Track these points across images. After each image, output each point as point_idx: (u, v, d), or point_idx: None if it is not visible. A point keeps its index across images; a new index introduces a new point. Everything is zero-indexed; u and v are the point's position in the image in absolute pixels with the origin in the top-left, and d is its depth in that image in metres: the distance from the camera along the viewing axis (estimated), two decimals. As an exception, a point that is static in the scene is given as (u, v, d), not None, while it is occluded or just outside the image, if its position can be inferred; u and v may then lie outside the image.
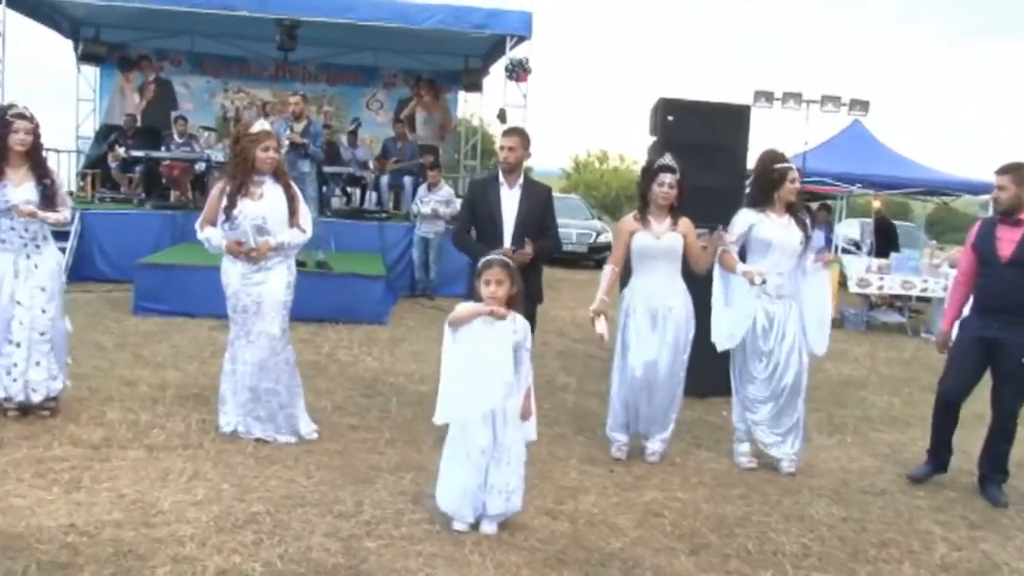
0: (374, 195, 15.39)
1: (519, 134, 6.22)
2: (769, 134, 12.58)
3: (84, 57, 16.73)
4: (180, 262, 10.72)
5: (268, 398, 5.76)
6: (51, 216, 5.87)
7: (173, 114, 15.61)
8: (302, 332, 9.47)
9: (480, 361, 4.55)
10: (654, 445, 6.03)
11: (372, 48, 17.02)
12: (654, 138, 7.99)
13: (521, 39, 13.85)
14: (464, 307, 4.67)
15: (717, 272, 5.99)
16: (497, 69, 17.13)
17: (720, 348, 6.04)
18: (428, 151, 15.04)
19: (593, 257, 19.65)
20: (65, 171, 16.50)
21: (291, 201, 5.79)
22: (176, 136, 14.65)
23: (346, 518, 4.59)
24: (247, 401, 5.77)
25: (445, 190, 13.11)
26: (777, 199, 5.90)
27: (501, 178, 6.09)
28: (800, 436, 5.99)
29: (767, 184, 5.94)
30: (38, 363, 5.89)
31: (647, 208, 5.99)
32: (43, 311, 5.89)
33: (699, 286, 6.09)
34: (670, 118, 7.81)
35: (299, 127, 10.61)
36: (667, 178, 5.88)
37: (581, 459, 5.92)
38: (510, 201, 6.07)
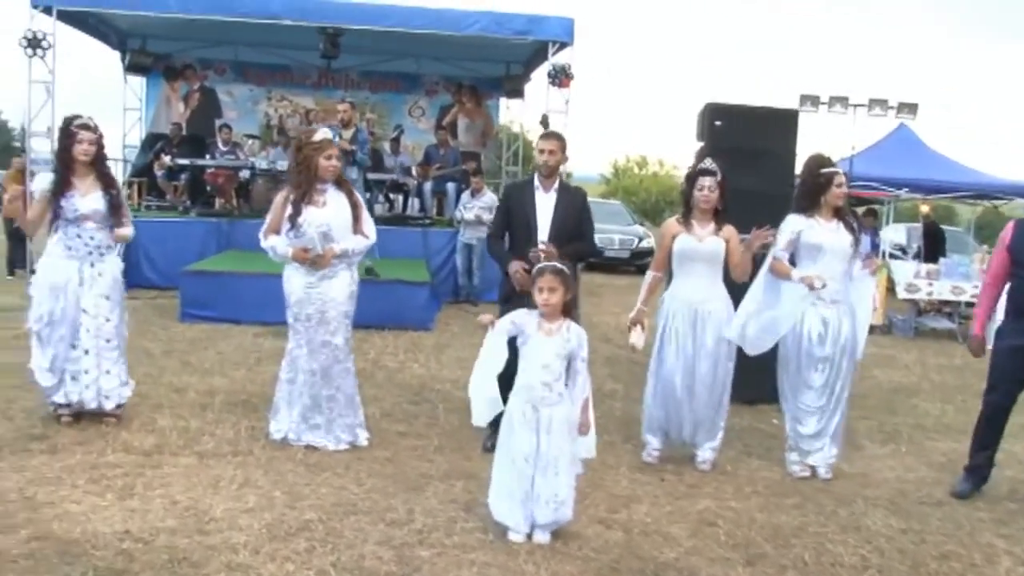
0: (416, 201, 15.43)
1: (557, 137, 6.17)
2: (815, 138, 12.48)
3: (131, 67, 16.90)
4: (226, 269, 10.82)
5: (329, 405, 5.78)
6: (127, 232, 6.04)
7: (217, 122, 15.79)
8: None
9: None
10: (704, 454, 5.96)
11: (414, 55, 17.04)
12: (701, 143, 7.92)
13: (563, 45, 13.78)
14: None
15: (763, 277, 5.91)
16: (539, 75, 17.15)
17: (749, 353, 5.94)
18: (471, 158, 15.07)
19: (635, 263, 19.56)
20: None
21: (354, 208, 5.81)
22: (220, 144, 14.79)
23: (398, 526, 4.56)
24: (305, 409, 5.78)
25: (488, 196, 13.11)
26: (824, 203, 5.82)
27: (537, 182, 6.05)
28: (838, 442, 5.92)
29: (813, 189, 5.86)
30: (108, 371, 5.96)
31: (691, 213, 5.93)
32: (107, 319, 5.95)
33: (737, 292, 6.00)
34: (717, 123, 7.74)
35: (347, 134, 10.68)
36: (707, 181, 5.83)
37: (631, 467, 5.85)
38: (545, 205, 6.02)
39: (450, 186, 14.32)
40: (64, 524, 4.33)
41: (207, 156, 14.66)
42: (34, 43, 12.78)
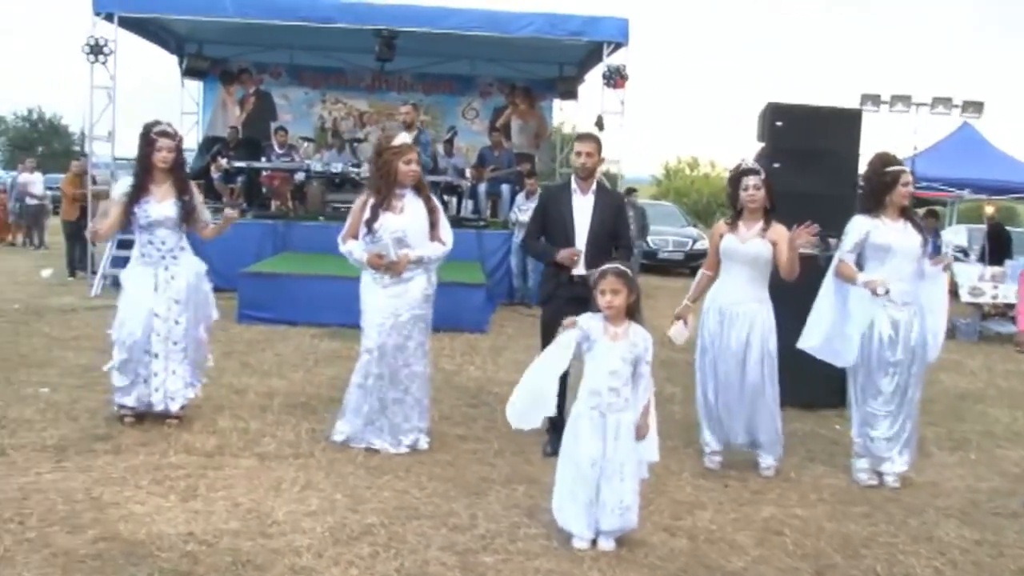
0: (470, 203, 15.42)
1: (595, 140, 6.09)
2: (876, 138, 12.25)
3: (188, 72, 17.15)
4: (283, 271, 10.88)
5: (394, 408, 5.76)
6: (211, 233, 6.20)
7: (273, 125, 15.94)
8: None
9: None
10: (767, 460, 5.84)
11: (468, 57, 17.06)
12: (762, 144, 7.79)
13: (618, 46, 13.70)
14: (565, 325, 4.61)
15: (830, 282, 5.78)
16: (592, 76, 17.07)
17: (839, 364, 5.84)
18: (525, 159, 15.03)
19: (689, 264, 19.39)
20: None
21: (431, 214, 5.78)
22: (276, 147, 14.91)
23: (461, 531, 4.52)
24: (371, 411, 5.76)
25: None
26: (890, 203, 5.68)
27: (574, 185, 5.97)
28: (912, 449, 5.77)
29: (879, 188, 5.72)
30: (174, 372, 6.01)
31: (739, 214, 5.83)
32: (177, 322, 5.99)
33: (798, 296, 5.90)
34: (779, 123, 7.61)
35: (410, 136, 10.65)
36: (751, 181, 5.72)
37: (694, 473, 5.76)
38: (583, 208, 5.93)
39: (504, 188, 14.28)
40: (129, 525, 4.34)
41: (263, 159, 14.78)
42: (96, 49, 12.99)
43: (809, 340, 5.78)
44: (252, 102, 16.87)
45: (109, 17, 13.12)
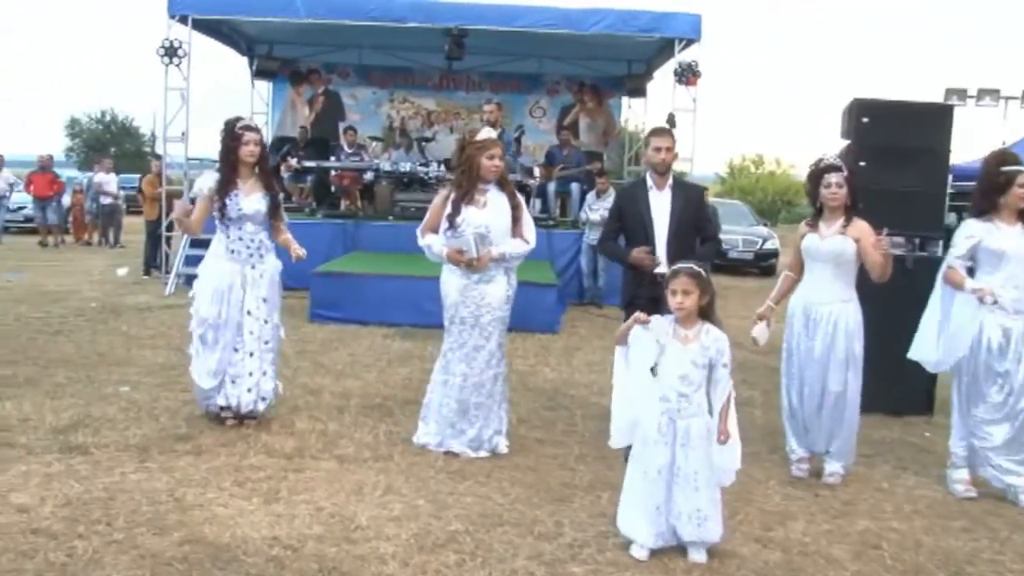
0: (538, 202, 15.29)
1: (671, 134, 5.92)
2: (962, 134, 11.86)
3: (258, 73, 17.30)
4: (354, 271, 10.87)
5: (476, 412, 5.66)
6: (302, 253, 6.06)
7: (342, 125, 15.98)
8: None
9: (645, 379, 4.34)
10: (832, 467, 5.63)
11: (536, 55, 16.95)
12: (847, 141, 7.56)
13: (690, 42, 13.50)
14: (625, 325, 4.47)
15: (939, 288, 5.56)
16: (661, 73, 16.85)
17: (932, 370, 5.64)
18: (594, 158, 14.87)
19: (759, 264, 19.10)
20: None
21: (515, 210, 5.67)
22: (346, 146, 14.95)
23: (547, 540, 4.40)
24: (452, 413, 5.67)
25: (614, 197, 12.86)
26: (1004, 205, 5.41)
27: (650, 181, 5.80)
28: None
29: (992, 189, 5.46)
30: (265, 372, 6.00)
31: (820, 212, 5.63)
32: (266, 321, 5.97)
33: (885, 298, 5.76)
34: (865, 120, 7.36)
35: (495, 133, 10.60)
36: (833, 178, 5.51)
37: (781, 481, 5.57)
38: (661, 205, 5.76)
39: (574, 187, 14.14)
40: (214, 528, 4.31)
41: (331, 158, 14.83)
42: (171, 51, 13.16)
43: (921, 352, 5.56)
44: (321, 102, 16.92)
45: (183, 20, 13.29)
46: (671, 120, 13.55)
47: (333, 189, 14.73)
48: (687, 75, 13.28)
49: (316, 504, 4.68)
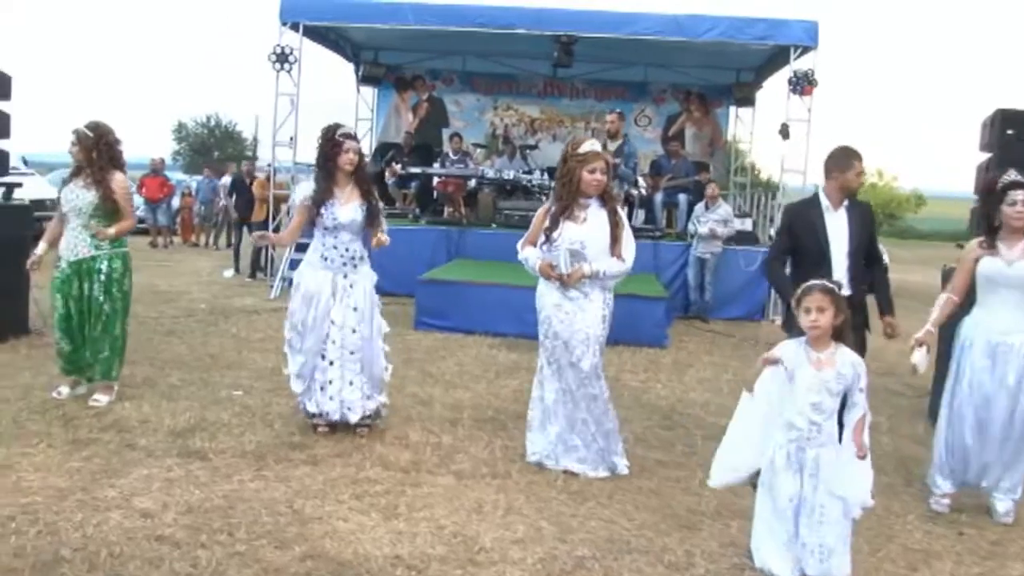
0: (641, 212, 15.04)
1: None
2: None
3: (364, 79, 17.42)
4: (459, 279, 10.78)
5: (583, 428, 5.46)
6: (386, 240, 5.91)
7: (448, 131, 15.97)
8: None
9: (772, 421, 4.07)
10: (1005, 504, 5.26)
11: (641, 63, 16.72)
12: (988, 155, 7.17)
13: (805, 50, 13.10)
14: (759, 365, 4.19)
15: None
16: (771, 82, 16.46)
17: None
18: (701, 168, 14.57)
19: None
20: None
21: (615, 228, 5.43)
22: (451, 153, 14.91)
23: (679, 570, 4.19)
24: (562, 430, 5.49)
25: (723, 208, 12.57)
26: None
27: (825, 200, 5.52)
28: None
29: None
30: (351, 382, 5.88)
31: (995, 232, 5.26)
32: (354, 331, 5.87)
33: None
34: (1010, 132, 6.96)
35: (613, 146, 10.44)
36: (1019, 195, 5.12)
37: (921, 516, 5.23)
38: (837, 226, 5.48)
39: (681, 197, 13.84)
40: (335, 543, 4.20)
41: (435, 164, 14.82)
42: (282, 58, 13.32)
43: None
44: (425, 108, 16.94)
45: (295, 27, 13.42)
46: (784, 131, 13.20)
47: (436, 196, 14.70)
48: (802, 84, 12.88)
49: (437, 522, 4.54)
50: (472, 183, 14.57)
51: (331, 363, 5.83)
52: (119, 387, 6.57)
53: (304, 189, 6.05)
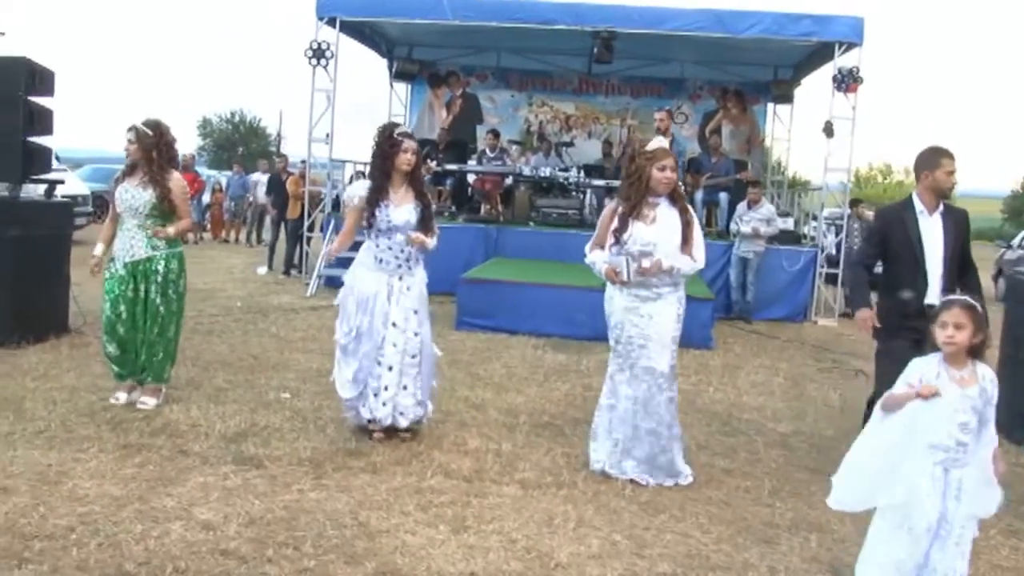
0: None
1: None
2: None
3: (397, 75, 17.28)
4: (502, 278, 10.59)
5: (650, 439, 5.27)
6: (430, 243, 5.75)
7: (483, 128, 15.79)
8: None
9: (909, 442, 3.83)
10: None
11: (678, 59, 16.50)
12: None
13: (850, 46, 12.85)
14: (898, 390, 3.93)
15: None
16: (810, 80, 16.21)
17: None
18: (740, 167, 14.35)
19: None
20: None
21: (686, 227, 5.25)
22: (488, 150, 14.75)
23: (766, 589, 4.00)
24: (626, 439, 5.31)
25: (766, 208, 12.35)
26: None
27: (919, 204, 5.30)
28: None
29: None
30: (405, 387, 5.71)
31: None
32: (415, 334, 5.70)
33: None
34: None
35: (666, 141, 10.21)
36: None
37: (1003, 531, 4.96)
38: (933, 231, 5.28)
39: (722, 196, 13.62)
40: (406, 559, 4.02)
41: (470, 161, 14.67)
42: (318, 53, 13.19)
43: None
44: (459, 105, 16.75)
45: (331, 22, 13.29)
46: (828, 129, 12.95)
47: (471, 193, 14.54)
48: (847, 81, 12.65)
49: (508, 535, 4.36)
50: (507, 180, 14.41)
51: (389, 368, 5.66)
52: (167, 390, 6.44)
53: (356, 189, 5.88)
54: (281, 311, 10.94)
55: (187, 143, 51.45)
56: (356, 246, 6.03)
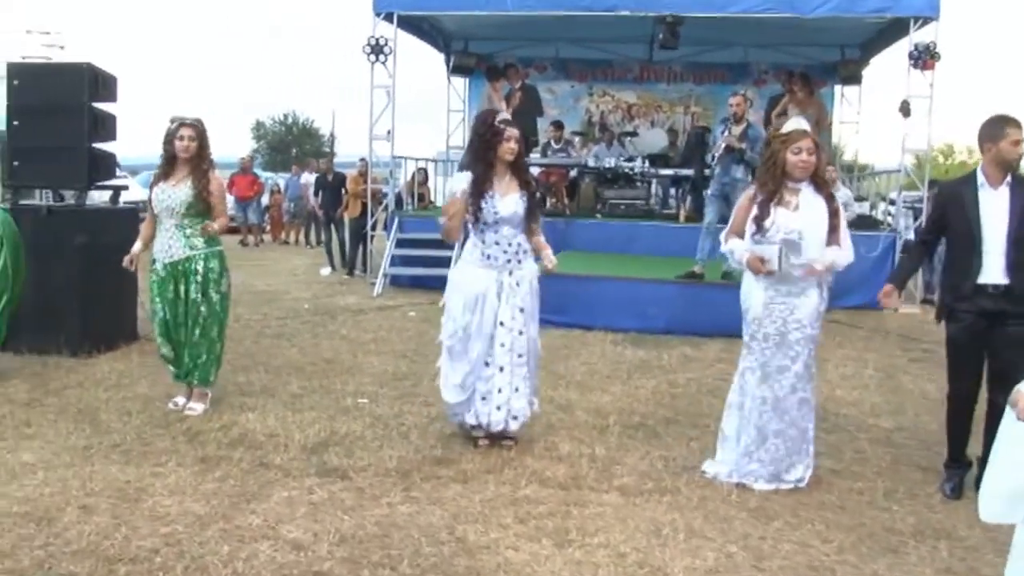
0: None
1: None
2: None
3: (455, 69, 17.04)
4: (575, 272, 10.29)
5: (775, 441, 4.95)
6: (548, 256, 5.62)
7: (543, 120, 15.49)
8: (714, 349, 8.73)
9: None
10: None
11: (742, 43, 16.04)
12: None
13: (926, 21, 12.31)
14: None
15: None
16: (879, 59, 15.69)
17: None
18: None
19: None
20: (433, 180, 16.92)
21: (833, 216, 4.88)
22: (552, 142, 14.46)
23: (905, 606, 3.67)
24: (750, 442, 4.99)
25: (843, 192, 11.92)
26: None
27: (981, 177, 4.92)
28: None
29: None
30: (517, 389, 5.44)
31: None
32: (521, 332, 5.43)
33: None
34: None
35: (737, 130, 9.88)
36: None
37: None
38: (995, 207, 4.85)
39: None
40: (510, 577, 3.77)
41: (534, 154, 14.38)
42: (377, 49, 12.99)
43: None
44: (518, 97, 16.40)
45: (389, 17, 13.07)
46: (905, 108, 12.44)
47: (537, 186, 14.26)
48: (924, 58, 12.11)
49: (615, 549, 4.07)
50: (572, 173, 14.12)
51: (500, 369, 5.40)
52: (241, 397, 6.30)
53: (459, 181, 5.60)
54: (349, 312, 10.76)
55: (242, 146, 51.89)
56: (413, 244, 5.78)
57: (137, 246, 6.30)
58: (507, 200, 5.34)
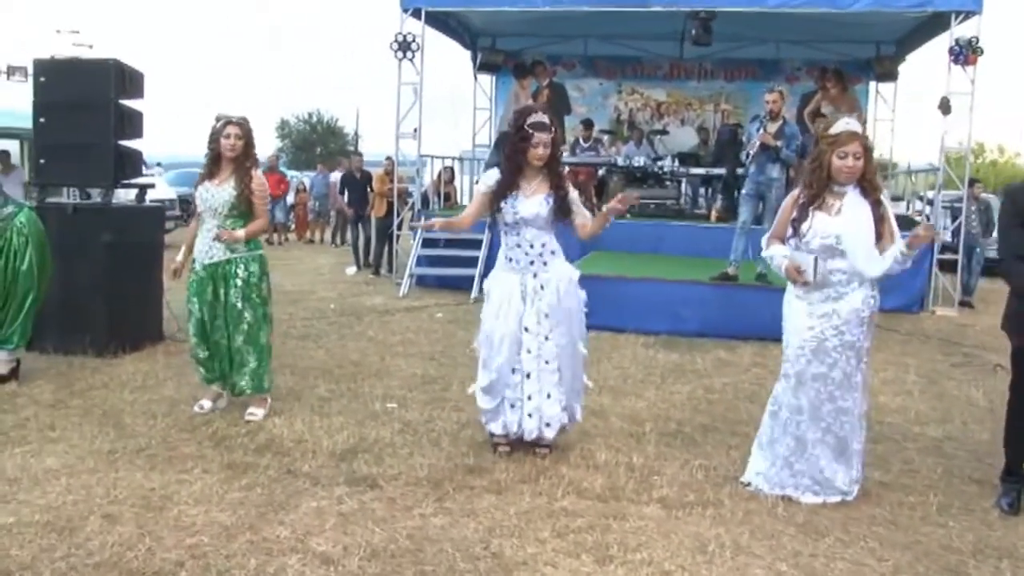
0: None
1: None
2: None
3: (482, 67, 16.87)
4: (605, 273, 10.09)
5: (813, 451, 4.74)
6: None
7: (571, 118, 15.29)
8: (748, 353, 8.52)
9: None
10: None
11: (775, 39, 15.77)
12: None
13: (968, 15, 12.01)
14: None
15: None
16: (914, 56, 15.38)
17: None
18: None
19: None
20: (459, 179, 16.76)
21: (879, 222, 4.63)
22: (581, 140, 14.26)
23: (971, 634, 3.46)
24: (789, 452, 4.79)
25: (1006, 196, 11.60)
26: None
27: None
28: None
29: None
30: (548, 395, 5.25)
31: None
32: (547, 338, 5.23)
33: None
34: None
35: (773, 127, 9.62)
36: None
37: None
38: None
39: (830, 181, 12.91)
40: (551, 597, 3.58)
41: (564, 153, 14.22)
42: (404, 46, 12.83)
43: None
44: (546, 95, 16.23)
45: (416, 13, 12.91)
46: (945, 105, 12.14)
47: (564, 185, 14.08)
48: (966, 53, 11.81)
49: (660, 566, 3.87)
50: (600, 171, 13.92)
51: (527, 376, 5.22)
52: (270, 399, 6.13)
53: (488, 178, 5.43)
54: (376, 313, 10.61)
55: (267, 145, 51.97)
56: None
57: (183, 252, 6.17)
58: (531, 201, 5.15)
